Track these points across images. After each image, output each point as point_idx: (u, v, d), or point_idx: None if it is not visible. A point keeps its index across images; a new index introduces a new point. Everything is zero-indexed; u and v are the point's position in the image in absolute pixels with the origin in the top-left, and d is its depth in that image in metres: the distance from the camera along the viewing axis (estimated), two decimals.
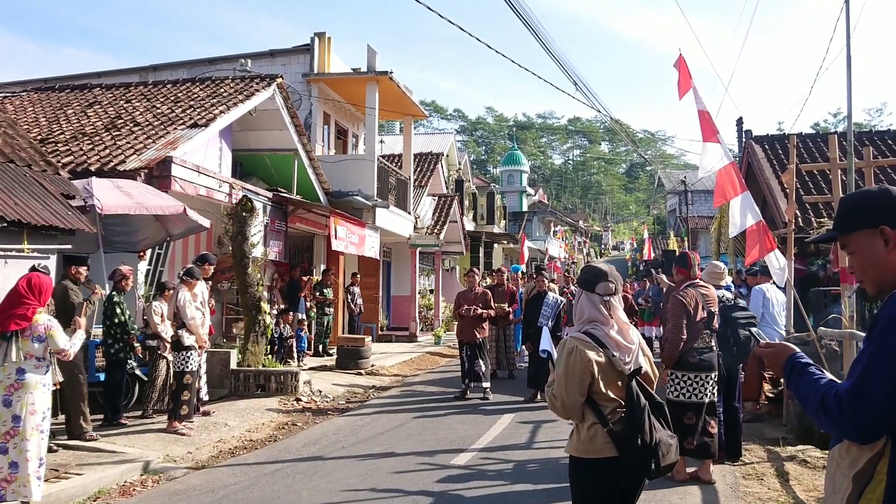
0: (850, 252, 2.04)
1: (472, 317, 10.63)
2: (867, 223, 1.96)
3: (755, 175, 15.21)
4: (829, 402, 1.85)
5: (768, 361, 2.17)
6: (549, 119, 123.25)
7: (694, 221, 35.06)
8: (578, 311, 3.36)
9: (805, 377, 1.99)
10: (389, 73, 17.07)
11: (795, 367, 2.05)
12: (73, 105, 13.62)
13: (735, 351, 6.62)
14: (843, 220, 2.06)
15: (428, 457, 7.13)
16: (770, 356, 2.18)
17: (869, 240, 1.95)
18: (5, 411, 5.43)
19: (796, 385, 2.00)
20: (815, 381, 1.95)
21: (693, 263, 6.31)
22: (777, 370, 2.13)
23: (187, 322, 8.21)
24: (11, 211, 6.86)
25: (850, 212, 2.04)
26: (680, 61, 9.28)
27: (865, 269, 1.98)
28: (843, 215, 2.07)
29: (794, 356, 2.09)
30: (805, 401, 1.96)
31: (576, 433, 3.32)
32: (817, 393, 1.89)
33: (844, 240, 2.05)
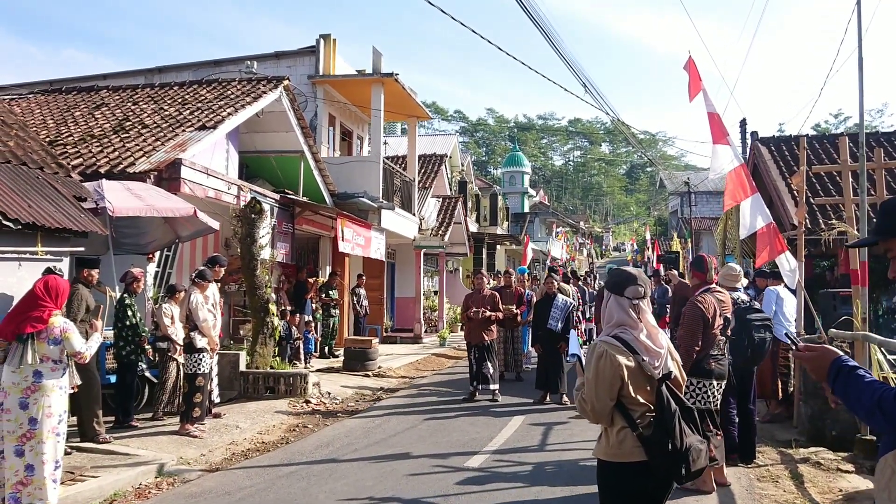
0: (892, 256, 2.07)
1: (481, 319, 10.63)
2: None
3: (761, 177, 15.21)
4: (887, 402, 1.82)
5: (810, 366, 2.10)
6: (550, 120, 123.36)
7: (697, 223, 35.05)
8: (607, 315, 3.36)
9: (854, 380, 1.94)
10: (395, 74, 17.07)
11: (843, 370, 1.98)
12: (81, 107, 13.62)
13: (750, 353, 6.59)
14: (887, 224, 2.05)
15: (442, 459, 7.13)
16: (812, 360, 2.10)
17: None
18: (22, 414, 5.43)
19: (844, 388, 1.95)
20: (869, 384, 1.90)
21: (709, 267, 6.22)
22: (820, 374, 2.05)
23: (200, 324, 8.21)
24: (26, 213, 6.86)
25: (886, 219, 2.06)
26: (690, 64, 9.28)
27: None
28: (887, 219, 2.06)
29: (839, 359, 2.03)
30: (856, 404, 1.91)
31: (604, 437, 3.31)
32: (872, 395, 1.85)
33: (889, 244, 2.05)
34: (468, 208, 28.40)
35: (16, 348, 5.47)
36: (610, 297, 3.36)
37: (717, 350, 5.90)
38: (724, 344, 6.03)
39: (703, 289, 6.02)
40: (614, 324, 3.31)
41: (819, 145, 15.66)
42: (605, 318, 3.39)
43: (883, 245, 2.06)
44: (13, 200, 6.96)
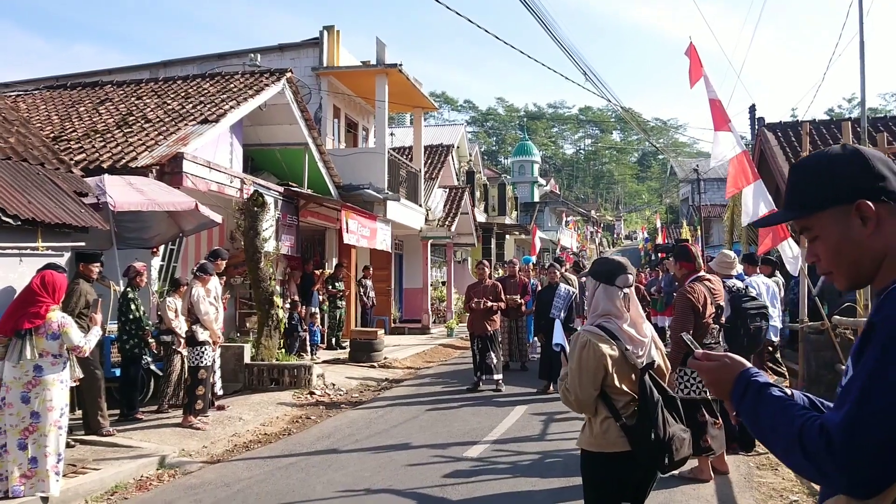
0: (812, 237, 1.53)
1: (483, 309, 10.63)
2: (838, 198, 1.47)
3: (768, 163, 15.10)
4: (810, 438, 1.33)
5: (708, 379, 1.62)
6: (560, 108, 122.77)
7: (707, 210, 34.86)
8: (593, 305, 3.35)
9: (768, 401, 1.46)
10: (399, 65, 17.05)
11: (752, 386, 1.51)
12: (85, 102, 13.70)
13: (746, 342, 6.54)
14: (803, 197, 1.53)
15: (441, 449, 7.16)
16: (711, 372, 1.62)
17: (840, 220, 1.46)
18: (24, 408, 5.51)
19: (753, 411, 1.48)
20: (786, 408, 1.42)
21: (696, 255, 6.14)
22: (722, 390, 1.58)
23: (201, 318, 8.27)
24: (25, 209, 6.92)
25: (813, 185, 1.51)
26: (691, 49, 9.21)
27: (837, 258, 1.49)
28: (803, 190, 1.53)
29: (747, 373, 1.55)
30: (770, 433, 1.44)
31: (588, 427, 3.32)
32: (791, 425, 1.38)
33: (805, 222, 1.53)
34: (476, 198, 28.36)
35: (15, 344, 5.54)
36: (598, 286, 3.35)
37: (710, 339, 5.87)
38: (718, 332, 5.99)
39: (692, 278, 5.97)
40: (599, 313, 3.30)
41: (826, 130, 15.52)
42: (590, 307, 3.38)
43: (801, 223, 1.55)
44: (13, 197, 7.02)
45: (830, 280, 1.56)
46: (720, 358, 1.63)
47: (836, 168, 1.49)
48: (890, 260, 1.45)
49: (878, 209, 1.44)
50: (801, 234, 1.59)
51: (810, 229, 1.53)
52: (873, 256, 1.45)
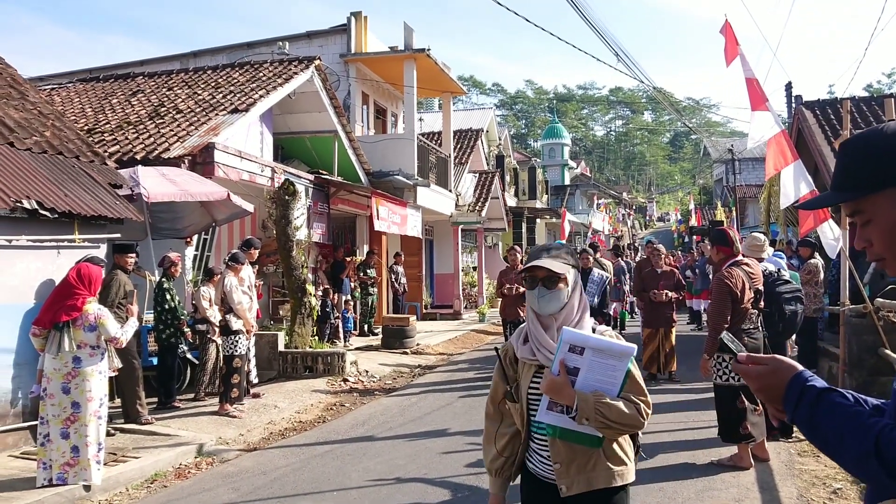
0: (864, 221, 1.40)
1: (515, 295, 10.56)
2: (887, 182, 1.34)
3: (806, 142, 14.71)
4: (890, 448, 1.21)
5: (756, 386, 1.48)
6: (590, 90, 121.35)
7: (742, 191, 34.23)
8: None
9: (832, 409, 1.32)
10: (427, 50, 16.94)
11: (808, 392, 1.36)
12: (118, 94, 13.85)
13: (781, 328, 6.40)
14: (856, 178, 1.38)
15: (475, 437, 7.12)
16: (759, 379, 1.47)
17: (893, 204, 1.34)
18: (65, 398, 5.60)
19: (812, 419, 1.34)
20: (854, 416, 1.29)
21: (734, 240, 6.01)
22: (773, 397, 1.44)
23: (234, 307, 8.33)
24: (62, 202, 7.02)
25: (866, 164, 1.37)
26: (726, 27, 8.97)
27: (891, 241, 1.36)
28: (855, 170, 1.39)
29: (801, 377, 1.40)
30: (836, 443, 1.31)
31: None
32: (864, 435, 1.25)
33: (857, 205, 1.40)
34: (506, 183, 28.19)
35: (54, 336, 5.63)
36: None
37: (749, 324, 5.74)
38: (756, 317, 5.86)
39: (729, 262, 5.84)
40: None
41: (867, 107, 15.06)
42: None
43: (851, 206, 1.42)
44: (50, 190, 7.12)
45: (882, 266, 1.44)
46: (768, 361, 1.47)
47: (892, 145, 1.36)
48: None
49: None
50: (850, 218, 1.44)
51: (862, 212, 1.39)
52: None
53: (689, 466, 5.92)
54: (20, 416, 6.72)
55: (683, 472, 5.78)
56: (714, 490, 5.36)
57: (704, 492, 5.32)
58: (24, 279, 6.76)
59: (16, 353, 6.66)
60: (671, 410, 8.09)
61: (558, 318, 2.48)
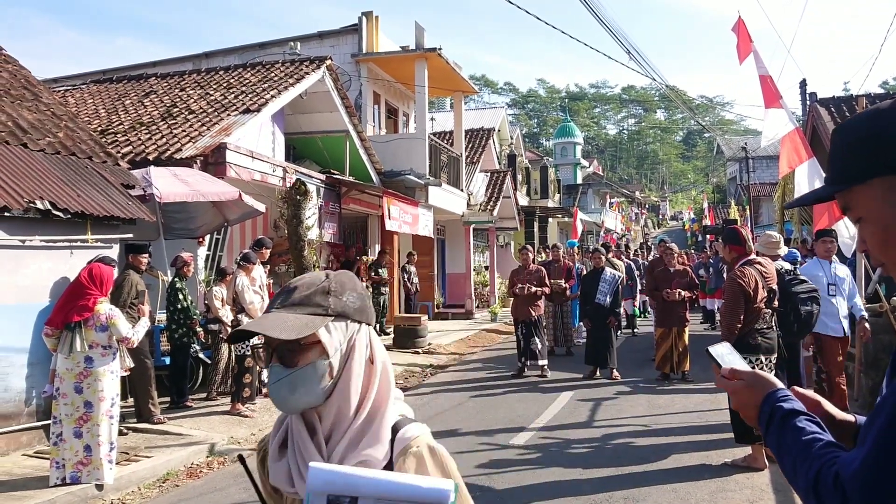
0: (857, 218, 1.22)
1: (527, 295, 10.52)
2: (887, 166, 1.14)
3: (821, 140, 14.57)
4: (825, 489, 1.13)
5: (735, 401, 1.42)
6: (603, 88, 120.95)
7: (756, 189, 33.97)
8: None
9: (793, 434, 1.24)
10: (438, 49, 16.92)
11: (776, 413, 1.29)
12: (131, 95, 13.93)
13: (796, 328, 6.33)
14: (843, 166, 1.21)
15: (488, 436, 7.11)
16: (737, 393, 1.41)
17: (885, 194, 1.15)
18: (77, 398, 5.63)
19: (777, 441, 1.27)
20: (809, 444, 1.20)
21: (746, 238, 5.94)
22: (749, 413, 1.38)
23: (246, 306, 8.34)
24: (75, 203, 7.05)
25: (855, 150, 1.19)
26: (739, 24, 8.90)
27: (886, 246, 1.18)
28: (843, 158, 1.21)
29: (774, 395, 1.33)
30: (790, 470, 1.23)
31: None
32: (809, 468, 1.17)
33: (847, 198, 1.22)
34: (518, 182, 28.12)
35: (66, 336, 5.66)
36: None
37: (762, 323, 5.67)
38: (770, 317, 5.79)
39: (742, 261, 5.77)
40: None
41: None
42: None
43: (842, 200, 1.23)
44: (63, 191, 7.16)
45: (886, 272, 1.26)
46: (746, 377, 1.40)
47: (883, 127, 1.14)
48: None
49: None
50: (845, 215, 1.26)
51: (852, 208, 1.21)
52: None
53: (703, 467, 5.87)
54: (34, 415, 6.76)
55: (696, 473, 5.73)
56: (727, 491, 5.31)
57: (718, 493, 5.27)
58: (37, 279, 6.80)
59: (29, 353, 6.71)
60: (684, 411, 8.03)
61: (324, 418, 1.36)
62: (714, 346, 1.55)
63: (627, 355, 11.81)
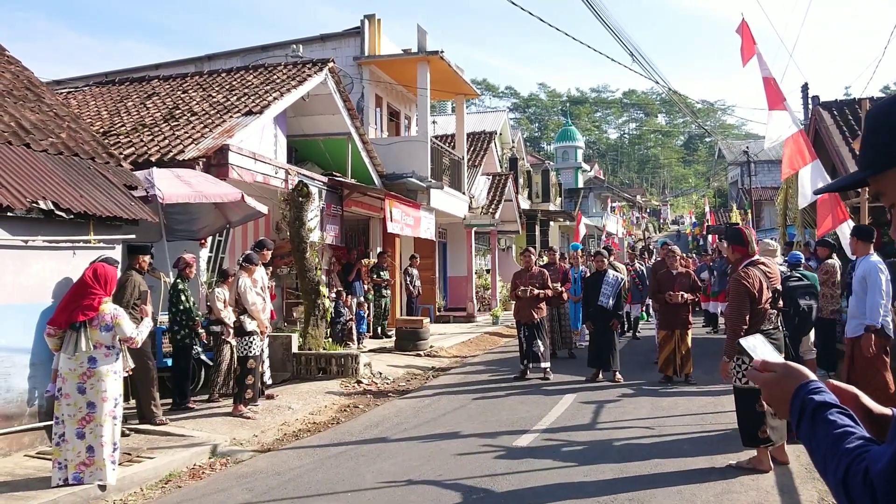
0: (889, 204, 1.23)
1: (529, 297, 10.50)
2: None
3: (823, 142, 14.57)
4: (854, 485, 1.11)
5: (766, 394, 1.40)
6: (604, 93, 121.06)
7: (757, 193, 33.95)
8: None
9: (824, 427, 1.22)
10: (440, 52, 16.93)
11: (807, 406, 1.28)
12: (133, 97, 13.92)
13: (797, 321, 6.34)
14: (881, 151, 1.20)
15: (490, 438, 7.09)
16: (768, 385, 1.38)
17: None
18: (80, 398, 5.61)
19: (809, 435, 1.25)
20: (840, 438, 1.18)
21: (750, 239, 5.92)
22: (781, 407, 1.36)
23: (248, 308, 8.33)
24: (78, 203, 7.04)
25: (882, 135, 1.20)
26: (743, 27, 8.91)
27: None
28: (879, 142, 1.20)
29: (806, 387, 1.31)
30: (822, 464, 1.22)
31: None
32: (839, 461, 1.16)
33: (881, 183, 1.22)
34: (520, 185, 28.12)
35: (70, 336, 5.64)
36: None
37: (768, 324, 5.65)
38: (776, 317, 5.77)
39: (746, 262, 5.75)
40: None
41: None
42: None
43: (877, 184, 1.23)
44: (66, 191, 7.15)
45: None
46: (777, 368, 1.38)
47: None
48: None
49: None
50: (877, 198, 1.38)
51: (884, 193, 1.21)
52: None
53: (708, 469, 5.84)
54: (36, 415, 6.74)
55: (701, 475, 5.70)
56: (733, 493, 5.28)
57: (723, 495, 5.25)
58: (40, 279, 6.79)
59: (32, 353, 6.69)
60: (687, 413, 8.01)
61: None
62: (746, 339, 1.57)
63: (630, 358, 11.78)
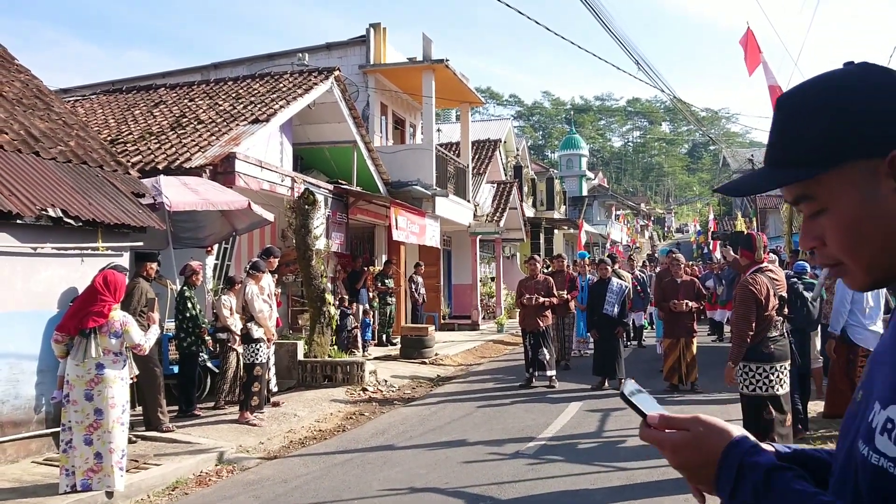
0: (813, 211, 0.98)
1: (535, 305, 10.51)
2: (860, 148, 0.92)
3: None
4: None
5: (675, 457, 1.06)
6: (608, 101, 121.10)
7: (763, 201, 33.93)
8: None
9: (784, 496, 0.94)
10: (445, 61, 17.00)
11: (752, 472, 0.98)
12: (140, 106, 14.01)
13: (805, 312, 6.49)
14: (803, 149, 0.96)
15: (496, 446, 7.08)
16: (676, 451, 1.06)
17: (862, 182, 0.93)
18: (88, 405, 5.63)
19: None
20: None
21: (759, 246, 5.94)
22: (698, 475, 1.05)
23: (255, 315, 8.35)
24: (86, 210, 7.09)
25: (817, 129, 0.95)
26: (748, 36, 8.94)
27: (856, 241, 0.94)
28: (801, 138, 0.96)
29: (738, 447, 1.02)
30: None
31: None
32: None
33: (804, 188, 0.98)
34: (524, 193, 28.13)
35: (79, 342, 5.66)
36: None
37: (774, 331, 5.66)
38: (781, 324, 5.78)
39: (753, 269, 5.77)
40: None
41: None
42: None
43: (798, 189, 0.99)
44: (74, 198, 7.19)
45: (838, 274, 1.00)
46: (689, 425, 1.05)
47: (853, 100, 0.93)
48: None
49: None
50: (794, 206, 1.02)
51: (812, 198, 0.97)
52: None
53: None
54: (43, 422, 6.77)
55: None
56: None
57: None
58: (49, 286, 6.83)
59: (39, 360, 6.72)
60: None
61: None
62: (626, 385, 1.17)
63: (635, 366, 11.77)
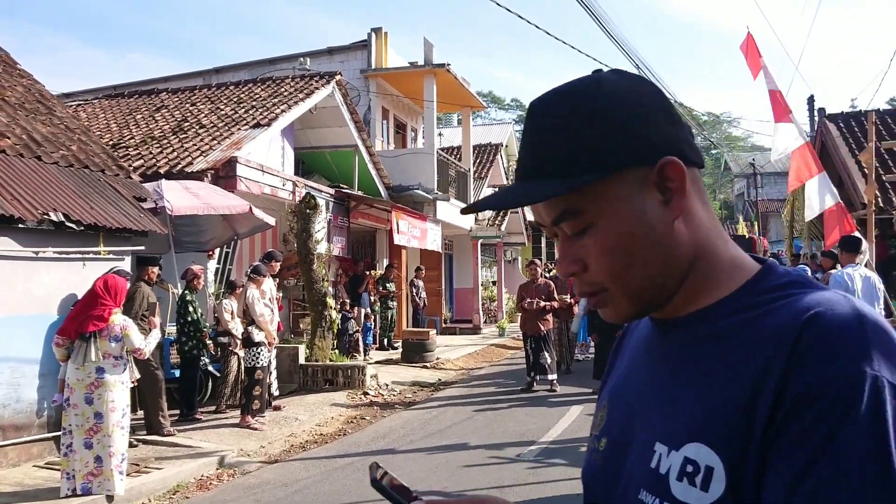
0: (577, 229, 0.83)
1: (536, 309, 10.51)
2: (630, 157, 0.81)
3: (830, 154, 14.58)
4: None
5: None
6: None
7: (764, 205, 33.94)
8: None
9: None
10: (447, 65, 17.03)
11: None
12: (142, 110, 14.05)
13: None
14: (567, 158, 0.81)
15: (497, 450, 7.08)
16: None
17: (630, 194, 0.81)
18: (88, 409, 5.63)
19: None
20: None
21: (759, 250, 5.97)
22: None
23: (256, 319, 8.36)
24: (88, 215, 7.10)
25: (584, 136, 0.81)
26: (748, 41, 8.95)
27: (626, 260, 0.82)
28: (566, 146, 0.82)
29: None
30: None
31: None
32: None
33: (569, 202, 0.82)
34: None
35: (80, 346, 5.67)
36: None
37: None
38: None
39: None
40: None
41: (892, 119, 14.91)
42: None
43: (566, 201, 0.82)
44: (76, 203, 7.21)
45: (598, 304, 0.86)
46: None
47: (620, 105, 0.82)
48: (704, 265, 0.83)
49: (689, 175, 0.82)
50: (554, 227, 0.85)
51: (580, 213, 0.82)
52: (681, 255, 0.82)
53: None
54: (45, 426, 6.77)
55: None
56: None
57: None
58: (51, 290, 6.84)
59: (41, 364, 6.73)
60: None
61: None
62: (376, 472, 0.94)
63: None
